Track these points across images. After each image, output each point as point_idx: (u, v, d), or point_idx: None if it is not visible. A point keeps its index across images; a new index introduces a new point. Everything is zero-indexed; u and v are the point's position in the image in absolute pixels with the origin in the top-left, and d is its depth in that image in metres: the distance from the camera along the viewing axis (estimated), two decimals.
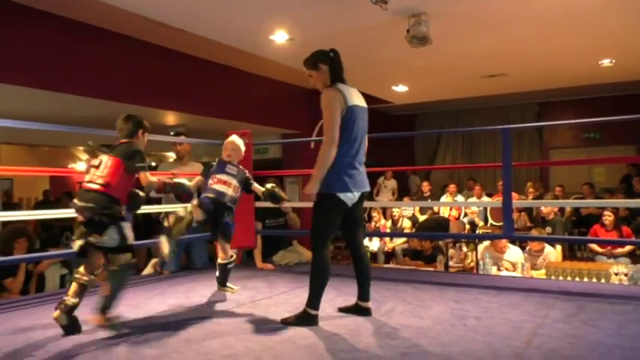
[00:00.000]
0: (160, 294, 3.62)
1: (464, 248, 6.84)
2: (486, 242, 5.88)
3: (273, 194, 3.39)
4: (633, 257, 6.16)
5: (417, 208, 8.77)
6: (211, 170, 3.42)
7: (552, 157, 11.43)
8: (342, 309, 3.04)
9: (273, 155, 10.59)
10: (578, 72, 7.87)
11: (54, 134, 9.20)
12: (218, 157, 3.55)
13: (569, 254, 6.77)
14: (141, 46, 6.61)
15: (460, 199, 9.38)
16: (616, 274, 4.46)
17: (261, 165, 8.08)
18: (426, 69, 7.40)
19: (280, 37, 5.84)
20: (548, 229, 6.87)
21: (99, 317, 2.61)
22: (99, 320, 2.62)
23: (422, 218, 8.41)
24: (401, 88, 8.75)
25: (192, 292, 3.66)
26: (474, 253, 6.21)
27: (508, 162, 4.02)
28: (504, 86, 8.82)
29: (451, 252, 6.69)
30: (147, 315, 3.02)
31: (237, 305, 3.26)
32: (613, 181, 9.90)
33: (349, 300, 3.07)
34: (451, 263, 6.52)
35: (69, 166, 12.61)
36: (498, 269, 5.41)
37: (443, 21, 5.23)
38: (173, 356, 2.30)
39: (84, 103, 6.43)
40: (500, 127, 4.11)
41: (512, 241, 5.73)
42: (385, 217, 8.61)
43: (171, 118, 8.34)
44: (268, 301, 3.38)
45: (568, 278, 4.51)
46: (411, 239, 7.03)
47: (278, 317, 2.93)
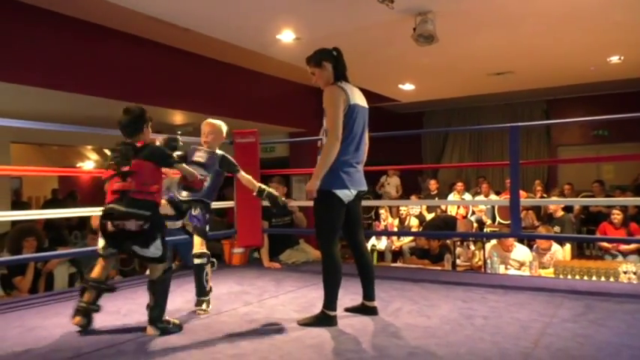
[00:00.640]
0: None
1: (471, 247, 6.82)
2: (494, 240, 5.86)
3: (274, 198, 3.15)
4: None
5: (424, 207, 8.75)
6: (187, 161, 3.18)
7: (561, 154, 11.36)
8: (348, 309, 3.04)
9: (280, 154, 10.60)
10: (586, 69, 7.81)
11: (63, 133, 9.24)
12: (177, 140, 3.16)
13: (578, 252, 6.72)
14: (148, 45, 6.64)
15: (468, 197, 9.34)
16: (625, 273, 4.43)
17: (268, 164, 8.09)
18: (433, 67, 7.37)
19: (287, 36, 5.84)
20: (557, 228, 6.83)
21: (153, 329, 2.57)
22: (154, 331, 2.56)
23: (429, 217, 8.39)
24: (407, 87, 8.73)
25: None
26: (482, 252, 6.19)
27: (516, 160, 4.00)
28: (512, 84, 8.77)
29: (459, 250, 6.67)
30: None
31: (244, 304, 3.27)
32: (622, 179, 9.81)
33: (356, 299, 3.07)
34: (459, 262, 6.50)
35: (77, 165, 12.70)
36: (506, 268, 5.39)
37: (449, 19, 5.21)
38: (180, 355, 2.31)
39: (92, 102, 6.47)
40: (508, 125, 4.10)
41: (521, 240, 5.70)
42: (392, 216, 8.60)
43: (178, 118, 8.37)
44: (275, 300, 3.39)
45: (576, 277, 4.48)
46: (419, 238, 7.02)
47: (285, 316, 2.94)
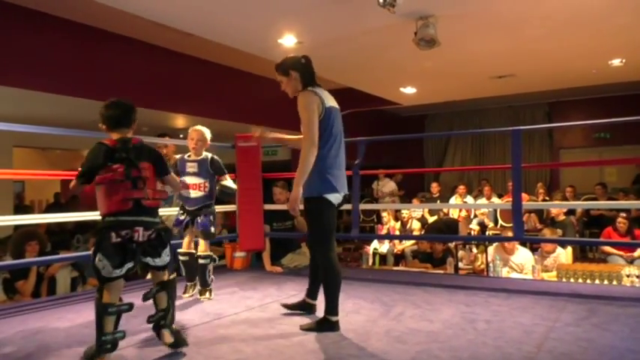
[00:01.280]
0: None
1: (474, 250, 6.80)
2: (496, 244, 5.84)
3: (222, 189, 3.54)
4: None
5: (426, 210, 8.74)
6: (178, 171, 3.45)
7: (563, 157, 11.36)
8: (286, 305, 3.14)
9: (282, 157, 10.62)
10: (588, 72, 7.81)
11: (65, 138, 9.29)
12: (180, 155, 3.60)
13: (580, 255, 6.71)
14: (151, 49, 6.67)
15: (469, 200, 9.33)
16: (628, 276, 4.41)
17: (270, 167, 8.09)
18: (435, 71, 7.38)
19: (289, 40, 5.86)
20: (559, 231, 6.81)
21: (169, 333, 2.42)
22: (170, 337, 2.41)
23: (432, 220, 8.37)
24: (409, 90, 8.74)
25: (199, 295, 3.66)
26: (484, 255, 6.17)
27: (518, 164, 4.00)
28: (514, 87, 8.78)
29: (461, 253, 6.66)
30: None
31: (246, 308, 3.27)
32: (625, 181, 9.81)
33: (359, 303, 3.07)
34: (461, 265, 6.48)
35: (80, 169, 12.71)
36: (508, 271, 5.38)
37: (451, 23, 5.22)
38: None
39: (94, 106, 6.47)
40: (510, 128, 4.10)
41: (523, 243, 5.69)
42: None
43: (180, 121, 8.39)
44: (277, 304, 3.38)
45: (579, 280, 4.46)
46: (421, 241, 7.00)
47: (287, 320, 2.93)
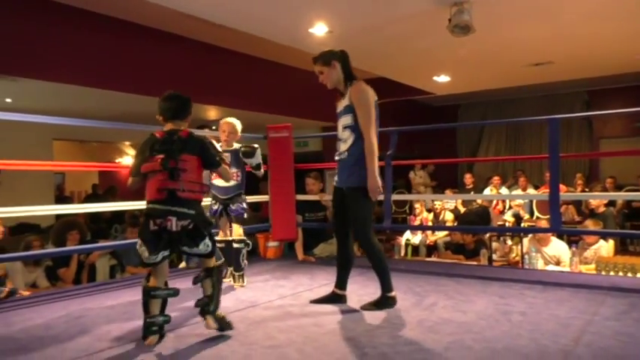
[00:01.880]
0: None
1: (508, 242, 6.68)
2: (531, 235, 5.72)
3: (245, 152, 3.60)
4: None
5: (459, 201, 8.61)
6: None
7: (603, 147, 10.98)
8: (315, 300, 3.13)
9: (313, 148, 10.64)
10: (629, 58, 7.50)
11: (102, 130, 9.56)
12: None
13: (621, 248, 6.50)
14: (183, 42, 6.76)
15: (504, 191, 9.14)
16: None
17: (302, 158, 8.12)
18: (469, 58, 7.24)
19: (319, 29, 5.84)
20: (601, 223, 6.61)
21: (212, 320, 2.47)
22: (214, 323, 2.47)
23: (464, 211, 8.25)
24: (442, 79, 8.59)
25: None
26: (519, 247, 6.05)
27: (556, 153, 3.89)
28: (551, 74, 8.53)
29: (495, 245, 6.54)
30: (190, 305, 3.08)
31: (279, 297, 3.31)
32: None
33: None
34: (495, 257, 6.38)
35: (116, 160, 13.07)
36: (545, 263, 5.26)
37: (486, 8, 5.10)
38: (218, 346, 2.35)
39: (130, 99, 6.64)
40: (547, 117, 3.98)
41: (560, 236, 5.55)
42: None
43: (213, 113, 8.49)
44: (310, 293, 3.40)
45: (619, 274, 4.33)
46: (454, 232, 6.91)
47: (320, 309, 2.96)
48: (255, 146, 3.66)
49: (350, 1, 5.02)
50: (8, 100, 6.98)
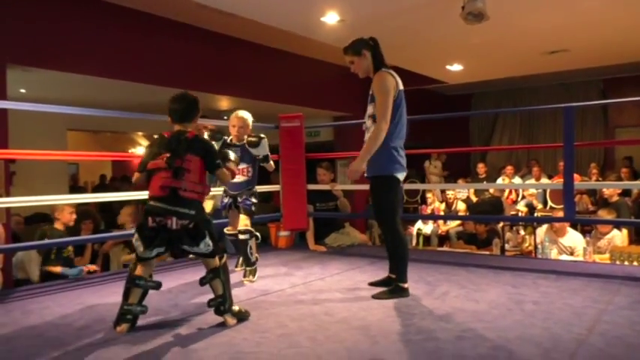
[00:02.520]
0: None
1: (521, 231, 6.63)
2: (546, 225, 5.68)
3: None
4: None
5: (471, 191, 8.56)
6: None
7: (618, 136, 10.82)
8: (372, 283, 3.19)
9: (324, 138, 10.61)
10: None
11: (115, 121, 9.62)
12: (222, 138, 3.55)
13: (635, 238, 6.42)
14: (194, 32, 6.76)
15: (517, 181, 9.07)
16: None
17: (313, 148, 8.13)
18: (483, 47, 7.14)
19: (331, 18, 5.80)
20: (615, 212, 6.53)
21: (230, 317, 2.51)
22: (232, 319, 2.50)
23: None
24: (456, 67, 8.50)
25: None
26: (532, 237, 6.01)
27: (570, 142, 3.84)
28: (566, 63, 8.39)
29: (508, 235, 6.50)
30: (202, 294, 3.11)
31: (290, 286, 3.32)
32: None
33: (409, 279, 3.06)
34: (507, 247, 6.34)
35: (129, 151, 13.17)
36: (559, 253, 5.22)
37: None
38: (230, 334, 2.37)
39: (141, 90, 6.67)
40: (562, 105, 3.93)
41: (574, 226, 5.50)
42: (438, 199, 8.47)
43: (224, 103, 8.50)
44: (321, 282, 3.41)
45: (634, 263, 4.29)
46: (466, 222, 6.89)
47: (331, 298, 2.97)
48: (262, 136, 3.60)
49: None
50: (22, 90, 7.04)
